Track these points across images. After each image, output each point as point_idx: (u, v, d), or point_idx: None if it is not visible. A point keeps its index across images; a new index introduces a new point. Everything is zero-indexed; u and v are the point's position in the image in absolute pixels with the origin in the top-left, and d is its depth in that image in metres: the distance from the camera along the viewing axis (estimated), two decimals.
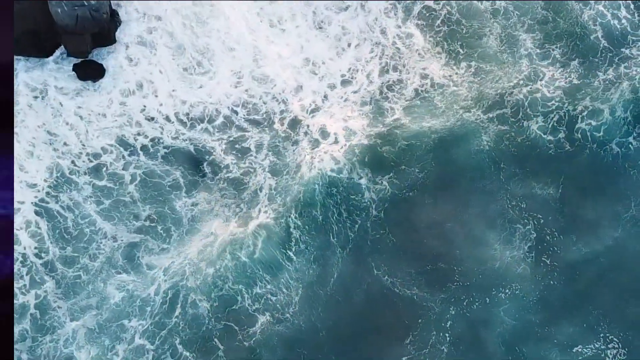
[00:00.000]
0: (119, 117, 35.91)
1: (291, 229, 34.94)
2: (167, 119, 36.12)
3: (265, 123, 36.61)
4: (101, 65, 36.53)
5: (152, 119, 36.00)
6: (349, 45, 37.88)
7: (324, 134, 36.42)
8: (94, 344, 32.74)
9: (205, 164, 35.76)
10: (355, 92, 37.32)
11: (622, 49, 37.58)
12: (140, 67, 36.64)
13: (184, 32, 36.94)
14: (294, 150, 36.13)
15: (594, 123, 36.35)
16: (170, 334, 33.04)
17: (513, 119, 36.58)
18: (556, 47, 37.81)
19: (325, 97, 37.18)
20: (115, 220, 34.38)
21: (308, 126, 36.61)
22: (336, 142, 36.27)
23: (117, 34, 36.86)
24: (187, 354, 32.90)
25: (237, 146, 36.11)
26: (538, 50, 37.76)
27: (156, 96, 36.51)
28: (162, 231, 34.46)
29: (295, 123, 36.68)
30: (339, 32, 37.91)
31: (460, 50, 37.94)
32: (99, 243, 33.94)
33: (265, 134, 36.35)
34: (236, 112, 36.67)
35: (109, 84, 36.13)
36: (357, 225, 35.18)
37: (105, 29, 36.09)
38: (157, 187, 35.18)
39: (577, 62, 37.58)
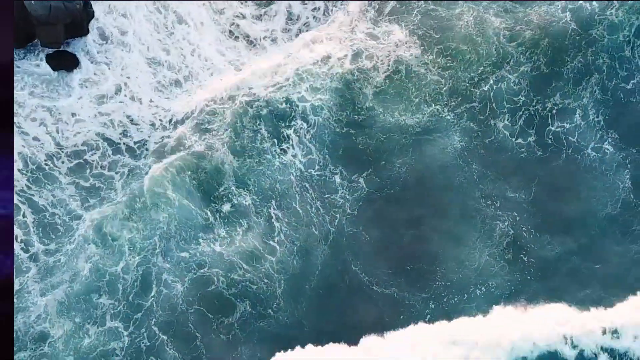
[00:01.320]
0: (94, 118, 36.40)
1: (272, 219, 35.34)
2: (142, 122, 36.77)
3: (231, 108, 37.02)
4: (74, 55, 37.04)
5: (132, 121, 36.63)
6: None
7: (291, 109, 36.87)
8: (66, 318, 33.01)
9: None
10: (325, 73, 37.65)
11: (590, 31, 38.14)
12: (115, 71, 37.43)
13: (156, 44, 37.67)
14: (259, 130, 36.56)
15: (567, 126, 37.01)
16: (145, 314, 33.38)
17: (481, 117, 37.18)
18: (524, 32, 38.28)
19: (295, 78, 37.60)
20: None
21: (271, 103, 37.05)
22: (305, 120, 36.69)
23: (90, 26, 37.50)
24: (164, 337, 33.06)
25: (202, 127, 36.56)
26: (507, 32, 38.24)
27: (133, 100, 36.86)
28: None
29: (261, 101, 37.17)
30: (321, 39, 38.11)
31: (434, 36, 38.44)
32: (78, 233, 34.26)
33: (232, 116, 36.74)
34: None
35: (83, 90, 36.66)
36: (336, 221, 35.50)
37: (78, 19, 36.56)
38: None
39: (546, 42, 38.10)
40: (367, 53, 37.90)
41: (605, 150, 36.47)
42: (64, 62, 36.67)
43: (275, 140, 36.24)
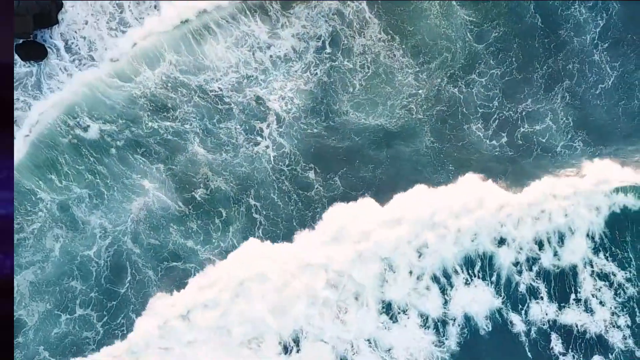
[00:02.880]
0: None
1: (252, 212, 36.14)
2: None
3: (198, 98, 37.20)
4: (43, 45, 37.06)
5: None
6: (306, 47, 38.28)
7: (263, 108, 37.08)
8: (39, 301, 33.87)
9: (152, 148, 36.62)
10: (299, 71, 37.64)
11: (559, 31, 38.41)
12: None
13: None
14: (231, 125, 36.85)
15: (538, 127, 37.80)
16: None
17: (452, 122, 37.75)
18: (493, 29, 38.50)
19: (266, 70, 37.55)
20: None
21: (246, 100, 37.17)
22: (278, 121, 37.02)
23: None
24: None
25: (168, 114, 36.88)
26: (477, 29, 38.34)
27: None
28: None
29: (232, 95, 37.24)
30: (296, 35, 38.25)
31: (408, 28, 38.16)
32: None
33: (201, 108, 36.98)
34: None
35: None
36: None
37: (46, 10, 36.77)
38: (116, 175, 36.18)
39: (516, 44, 38.31)
40: (345, 42, 37.94)
41: (576, 147, 37.52)
42: (33, 52, 36.73)
43: (248, 135, 36.74)
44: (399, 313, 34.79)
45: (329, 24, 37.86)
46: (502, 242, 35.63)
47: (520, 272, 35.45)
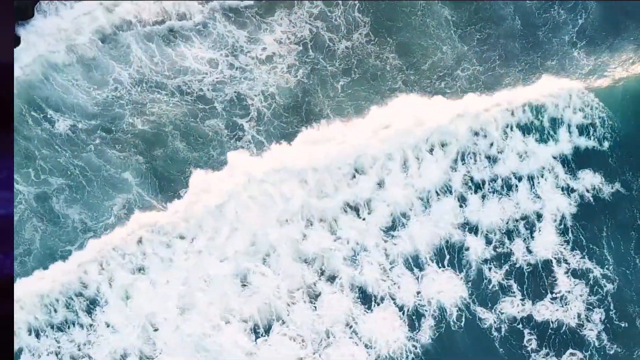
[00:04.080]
0: None
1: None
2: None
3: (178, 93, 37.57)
4: (19, 37, 37.22)
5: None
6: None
7: (244, 104, 37.38)
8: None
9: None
10: (279, 72, 37.96)
11: (537, 33, 39.21)
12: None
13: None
14: (214, 122, 37.17)
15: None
16: None
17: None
18: (476, 31, 39.09)
19: (250, 71, 37.86)
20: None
21: (227, 98, 37.48)
22: (260, 118, 37.31)
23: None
24: None
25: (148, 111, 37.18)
26: (460, 30, 39.05)
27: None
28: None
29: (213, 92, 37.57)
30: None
31: (395, 24, 38.74)
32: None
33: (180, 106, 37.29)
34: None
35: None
36: None
37: (23, 4, 37.04)
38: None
39: (500, 47, 39.04)
40: (329, 45, 38.25)
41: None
42: None
43: (229, 131, 37.01)
44: (375, 304, 35.30)
45: (312, 25, 38.16)
46: (471, 230, 36.19)
47: (490, 269, 35.96)
